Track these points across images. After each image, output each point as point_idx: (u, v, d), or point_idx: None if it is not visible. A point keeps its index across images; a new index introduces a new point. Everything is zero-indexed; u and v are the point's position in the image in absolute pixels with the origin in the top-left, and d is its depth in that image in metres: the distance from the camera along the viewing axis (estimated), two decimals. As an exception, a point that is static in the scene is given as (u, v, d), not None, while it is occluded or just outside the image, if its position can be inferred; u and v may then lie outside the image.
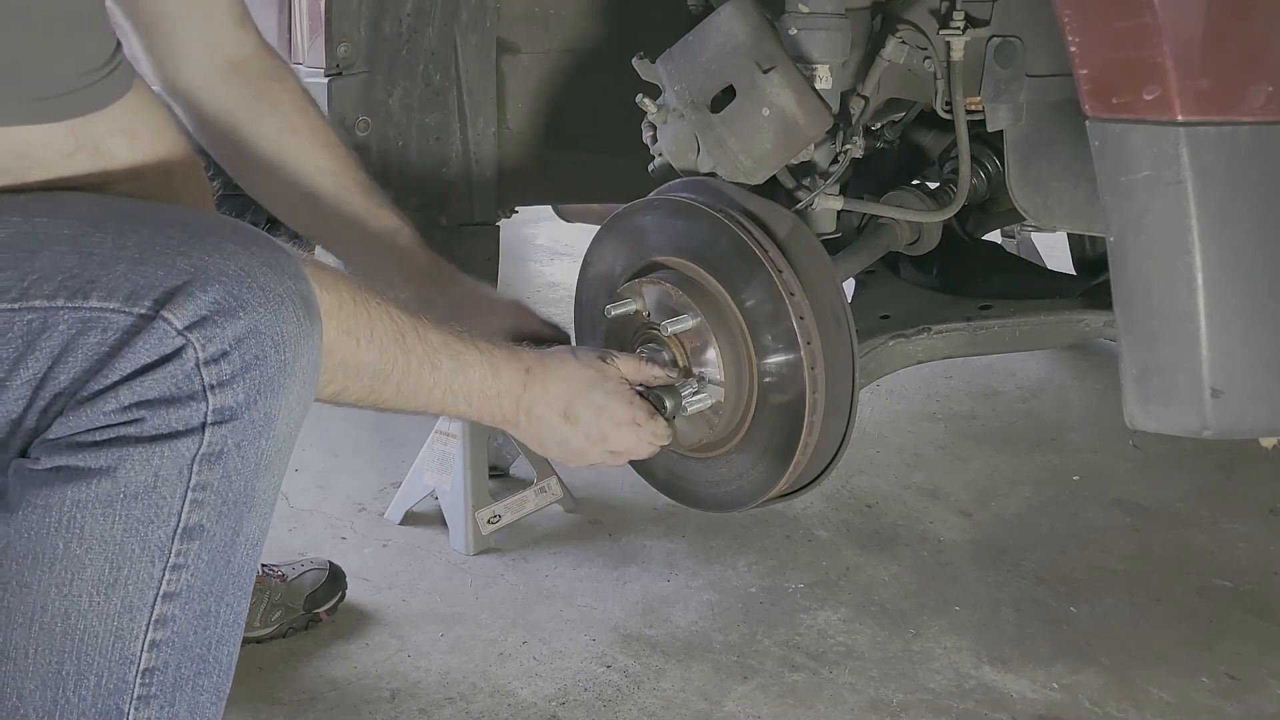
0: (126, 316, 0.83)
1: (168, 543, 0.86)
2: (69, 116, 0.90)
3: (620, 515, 2.07)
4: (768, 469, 1.32)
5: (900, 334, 1.55)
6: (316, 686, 1.59)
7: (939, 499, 2.17)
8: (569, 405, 1.22)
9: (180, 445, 0.84)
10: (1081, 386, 2.77)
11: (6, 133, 0.89)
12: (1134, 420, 1.15)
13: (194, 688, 0.91)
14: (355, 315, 1.03)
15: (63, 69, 0.89)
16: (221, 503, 0.88)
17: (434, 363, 1.12)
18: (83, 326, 0.83)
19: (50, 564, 0.85)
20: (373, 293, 1.06)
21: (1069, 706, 1.57)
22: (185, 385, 0.84)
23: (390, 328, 1.07)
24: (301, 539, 1.99)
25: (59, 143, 0.91)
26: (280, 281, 0.87)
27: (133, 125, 0.95)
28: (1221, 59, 1.05)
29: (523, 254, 3.98)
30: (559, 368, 1.23)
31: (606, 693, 1.58)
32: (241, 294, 0.85)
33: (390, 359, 1.07)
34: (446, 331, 1.14)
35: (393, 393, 1.09)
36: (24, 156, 0.90)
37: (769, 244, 1.27)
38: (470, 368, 1.16)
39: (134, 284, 0.83)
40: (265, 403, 0.87)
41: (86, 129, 0.92)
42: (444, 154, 1.86)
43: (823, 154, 1.44)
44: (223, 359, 0.84)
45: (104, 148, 0.93)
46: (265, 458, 0.89)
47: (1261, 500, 2.16)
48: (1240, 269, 1.07)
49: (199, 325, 0.83)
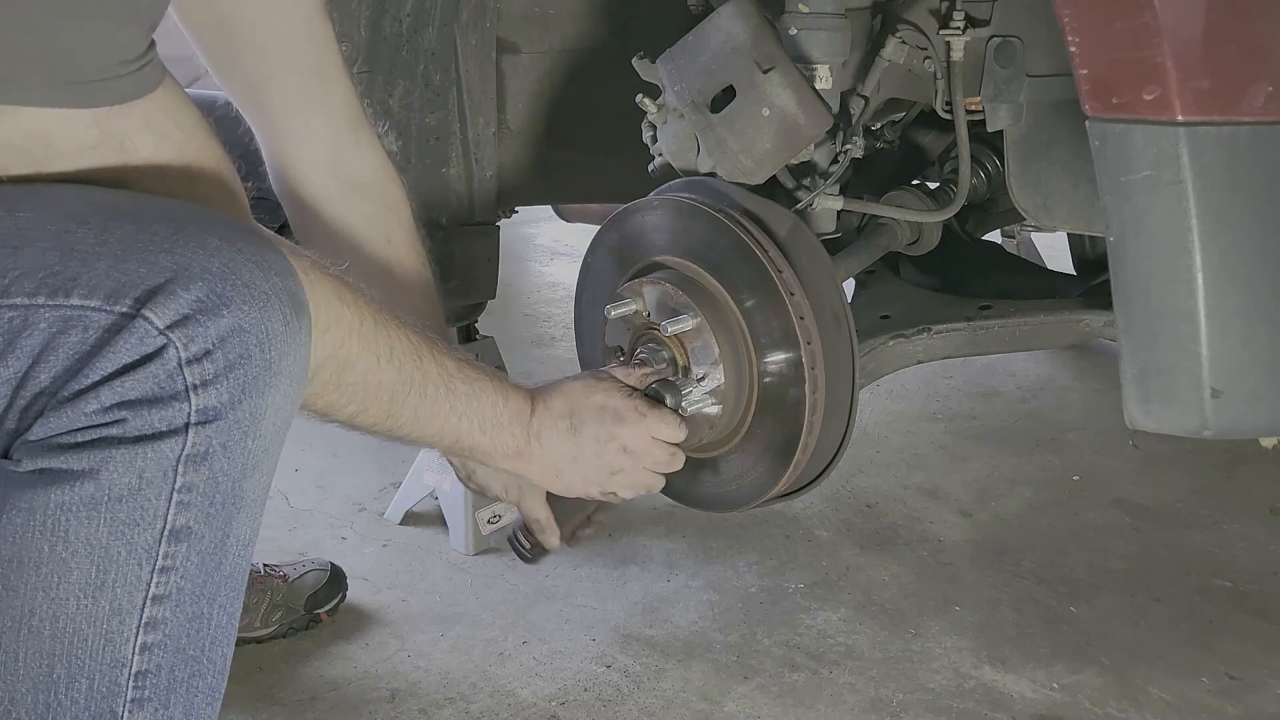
0: (107, 315, 0.82)
1: (154, 545, 0.86)
2: (95, 105, 0.89)
3: (620, 515, 2.07)
4: (768, 469, 1.32)
5: (900, 334, 1.55)
6: (316, 686, 1.59)
7: (939, 499, 2.17)
8: (572, 413, 1.22)
9: (164, 446, 0.83)
10: (1081, 386, 2.77)
11: (31, 114, 0.88)
12: (1134, 420, 1.15)
13: (188, 690, 0.91)
14: (376, 334, 1.02)
15: (92, 57, 0.88)
16: (209, 504, 0.87)
17: (449, 386, 1.11)
18: (63, 325, 0.82)
19: (36, 567, 0.84)
20: (392, 315, 1.06)
21: (1069, 706, 1.57)
22: (168, 385, 0.82)
23: (408, 349, 1.06)
24: (301, 539, 1.99)
25: (83, 134, 0.90)
26: (266, 278, 0.86)
27: (160, 124, 0.95)
28: (1221, 59, 1.05)
29: (523, 254, 3.97)
30: (557, 385, 1.25)
31: (606, 693, 1.58)
32: (225, 291, 0.84)
33: (408, 379, 1.07)
34: (459, 358, 1.15)
35: (409, 416, 1.09)
36: (47, 144, 0.89)
37: (769, 244, 1.27)
38: (483, 393, 1.16)
39: (115, 281, 0.82)
40: (250, 402, 0.86)
41: (112, 121, 0.91)
42: (444, 154, 1.86)
43: (823, 154, 1.44)
44: (205, 358, 0.83)
45: (129, 144, 0.92)
46: (252, 458, 0.88)
47: (1261, 500, 2.16)
48: (1240, 269, 1.07)
49: (181, 324, 0.82)
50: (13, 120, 0.88)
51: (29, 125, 0.88)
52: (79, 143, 0.90)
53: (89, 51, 0.88)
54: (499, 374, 1.20)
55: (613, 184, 1.90)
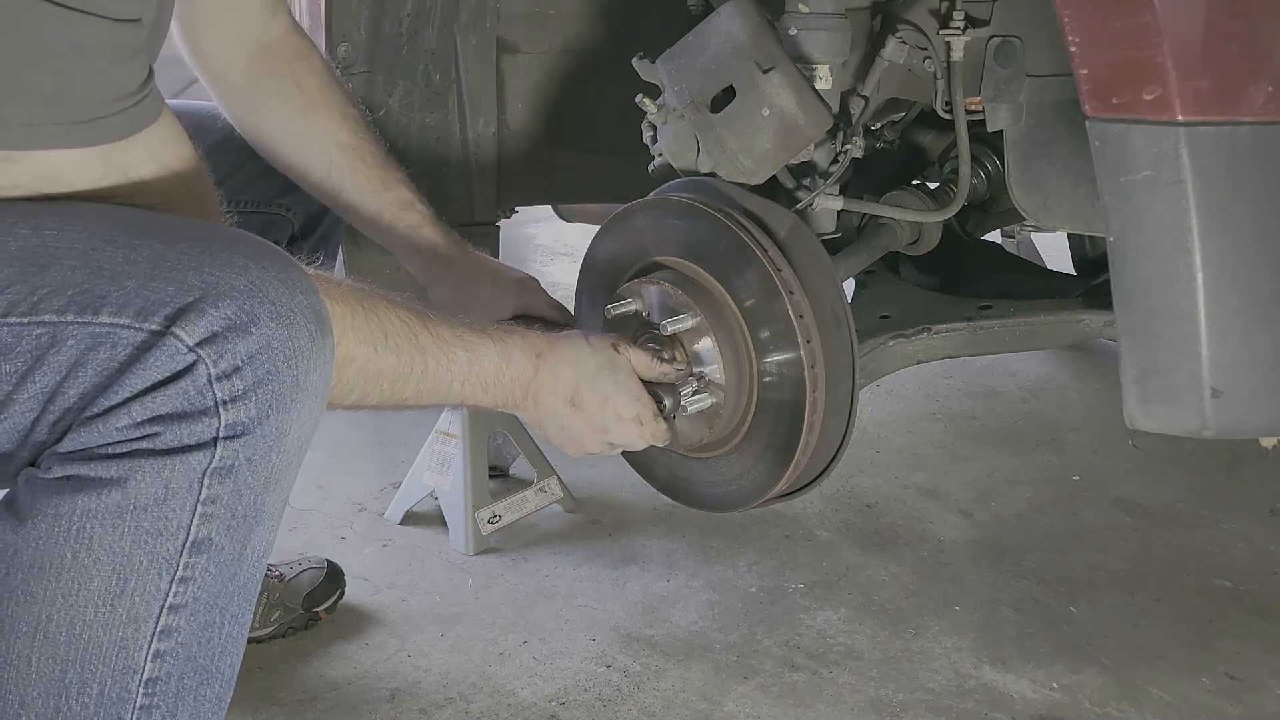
0: (137, 333, 0.83)
1: (176, 555, 0.86)
2: (103, 141, 0.91)
3: (620, 515, 2.07)
4: (768, 469, 1.32)
5: (900, 334, 1.55)
6: (316, 686, 1.59)
7: (939, 499, 2.17)
8: (576, 391, 1.23)
9: (192, 459, 0.85)
10: (1081, 386, 2.77)
11: (40, 157, 0.90)
12: (1134, 420, 1.15)
13: (196, 698, 0.91)
14: (368, 323, 1.03)
15: (98, 94, 0.90)
16: (231, 516, 0.88)
17: (450, 356, 1.12)
18: (93, 342, 0.83)
19: (57, 573, 0.85)
20: (378, 296, 1.06)
21: (1069, 706, 1.57)
22: (198, 400, 0.84)
23: (403, 330, 1.07)
24: (301, 539, 1.99)
25: (91, 169, 0.92)
26: (292, 296, 0.88)
27: (161, 153, 0.97)
28: (1221, 59, 1.05)
29: (523, 254, 3.97)
30: (570, 354, 1.23)
31: (606, 693, 1.58)
32: (253, 309, 0.85)
33: (408, 360, 1.07)
34: (457, 324, 1.15)
35: (412, 391, 1.10)
36: (57, 181, 0.91)
37: (769, 244, 1.27)
38: (484, 357, 1.16)
39: (144, 300, 0.84)
40: (277, 418, 0.87)
41: (117, 155, 0.93)
42: (444, 154, 1.86)
43: (823, 154, 1.44)
44: (235, 374, 0.84)
45: (134, 174, 0.95)
46: (276, 472, 0.89)
47: (1261, 500, 2.16)
48: (1240, 269, 1.07)
49: (210, 341, 0.84)
50: (23, 164, 0.90)
51: (38, 168, 0.90)
52: (86, 176, 0.92)
53: (97, 87, 0.90)
54: (504, 331, 1.20)
55: (613, 184, 1.90)
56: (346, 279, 1.06)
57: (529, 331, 1.23)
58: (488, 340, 1.17)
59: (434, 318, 1.12)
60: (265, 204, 1.52)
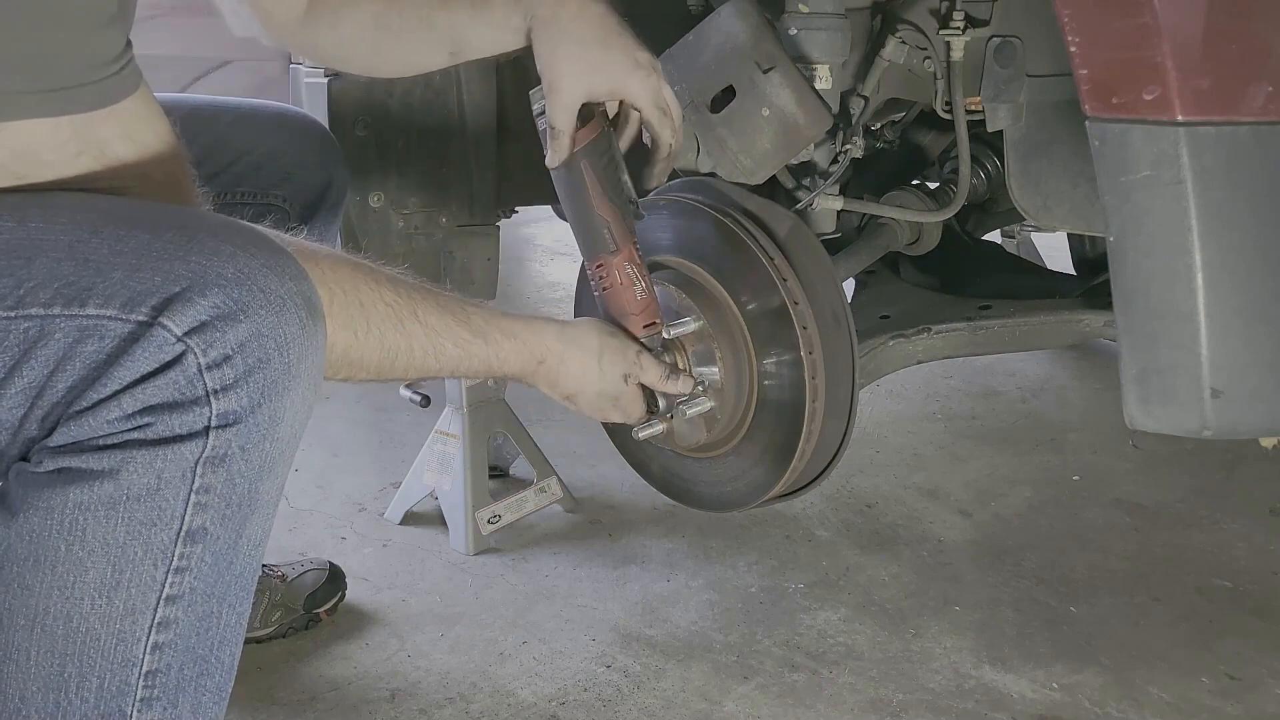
0: (124, 324, 0.82)
1: (170, 545, 0.86)
2: (75, 110, 0.90)
3: (620, 515, 2.07)
4: (767, 469, 1.32)
5: (900, 334, 1.55)
6: (316, 686, 1.59)
7: (939, 499, 2.17)
8: (573, 398, 1.25)
9: (184, 449, 0.84)
10: (1081, 386, 2.77)
11: (12, 130, 0.89)
12: (1134, 420, 1.15)
13: (196, 689, 0.91)
14: (348, 308, 1.02)
15: (74, 61, 0.89)
16: (225, 505, 0.87)
17: (437, 348, 1.11)
18: (80, 334, 0.82)
19: (52, 566, 0.84)
20: (362, 277, 1.04)
21: (1069, 706, 1.57)
22: (188, 390, 0.83)
23: (387, 314, 1.06)
24: (301, 539, 1.99)
25: (65, 143, 0.91)
26: (281, 283, 0.87)
27: (138, 132, 0.95)
28: (1221, 59, 1.05)
29: (523, 254, 3.98)
30: (577, 371, 1.23)
31: (606, 693, 1.58)
32: (242, 298, 0.84)
33: (391, 346, 1.07)
34: (450, 314, 1.13)
35: (401, 370, 1.10)
36: (33, 157, 0.90)
37: (769, 244, 1.27)
38: (474, 358, 1.15)
39: (131, 290, 0.83)
40: (270, 406, 0.86)
41: (91, 129, 0.91)
42: (444, 154, 1.86)
43: (823, 154, 1.44)
44: (225, 363, 0.84)
45: (109, 151, 0.93)
46: (269, 460, 0.89)
47: (1261, 500, 2.16)
48: (1240, 269, 1.07)
49: (199, 331, 0.83)
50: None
51: (11, 142, 0.89)
52: (62, 152, 0.91)
53: (75, 54, 0.89)
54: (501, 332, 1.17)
55: (613, 184, 1.89)
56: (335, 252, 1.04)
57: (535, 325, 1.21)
58: (481, 343, 1.15)
59: (425, 304, 1.10)
60: (262, 194, 1.51)
